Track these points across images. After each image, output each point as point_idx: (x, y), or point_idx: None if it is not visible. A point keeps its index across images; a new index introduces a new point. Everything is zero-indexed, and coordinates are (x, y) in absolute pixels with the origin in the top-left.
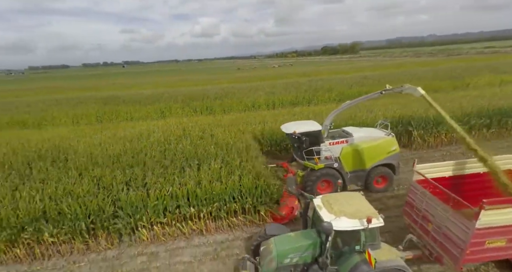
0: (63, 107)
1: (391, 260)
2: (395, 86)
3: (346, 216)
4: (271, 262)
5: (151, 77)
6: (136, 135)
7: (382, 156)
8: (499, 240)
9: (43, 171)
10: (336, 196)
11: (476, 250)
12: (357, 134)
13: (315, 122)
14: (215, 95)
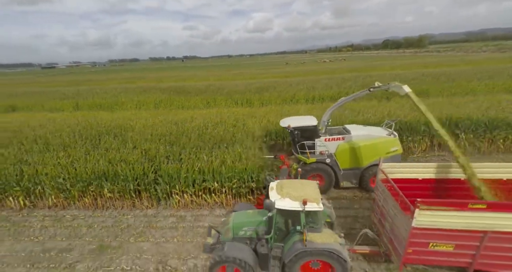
0: (130, 95)
1: (326, 243)
2: (383, 84)
3: (290, 198)
4: (228, 232)
5: (204, 71)
6: (181, 120)
7: (380, 156)
8: (445, 244)
9: (108, 142)
10: (292, 182)
11: (419, 251)
12: (355, 132)
13: (313, 117)
14: (256, 88)
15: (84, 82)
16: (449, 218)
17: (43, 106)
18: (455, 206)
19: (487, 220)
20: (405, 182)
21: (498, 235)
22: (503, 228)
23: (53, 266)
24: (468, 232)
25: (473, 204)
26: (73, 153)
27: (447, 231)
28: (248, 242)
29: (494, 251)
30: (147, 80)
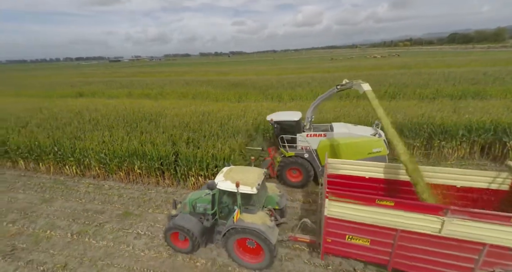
0: (174, 86)
1: (253, 223)
2: (349, 81)
3: (231, 180)
4: (185, 206)
5: (245, 65)
6: (209, 111)
7: (360, 156)
8: (361, 238)
9: (143, 126)
10: (242, 168)
11: (337, 242)
12: (338, 129)
13: (298, 113)
14: (290, 84)
15: (139, 74)
16: (359, 211)
17: (104, 93)
18: (363, 201)
19: (395, 218)
20: (353, 179)
21: (408, 234)
22: (411, 227)
23: (87, 223)
24: (380, 228)
25: (380, 200)
26: (115, 133)
27: (360, 224)
28: (202, 217)
29: (407, 251)
30: (191, 74)
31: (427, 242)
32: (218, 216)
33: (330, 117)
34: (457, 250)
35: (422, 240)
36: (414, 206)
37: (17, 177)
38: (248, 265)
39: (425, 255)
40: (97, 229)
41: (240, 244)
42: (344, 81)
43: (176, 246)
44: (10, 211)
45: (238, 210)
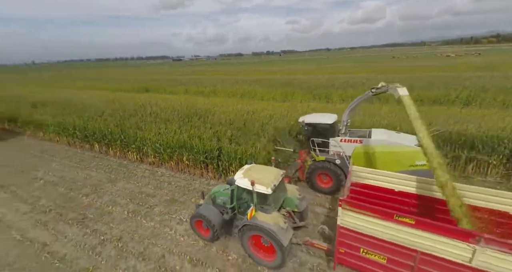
0: (225, 85)
1: (265, 222)
2: (385, 85)
3: (249, 179)
4: (209, 198)
5: (296, 65)
6: (254, 110)
7: (400, 167)
8: (377, 254)
9: (194, 121)
10: (262, 167)
11: (351, 254)
12: (376, 136)
13: (333, 116)
14: (342, 84)
15: (196, 72)
16: (375, 225)
17: (165, 90)
18: (379, 214)
19: (416, 238)
20: (380, 191)
21: (430, 258)
22: (434, 251)
23: (141, 204)
24: (398, 247)
25: (399, 216)
26: (169, 126)
27: (376, 239)
28: (223, 210)
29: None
30: (242, 73)
31: (452, 271)
32: (237, 211)
33: (384, 123)
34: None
35: (447, 267)
36: (439, 228)
37: (92, 158)
38: (261, 262)
39: None
40: (148, 210)
41: (255, 241)
42: (380, 84)
43: (199, 233)
44: (84, 186)
45: (253, 208)
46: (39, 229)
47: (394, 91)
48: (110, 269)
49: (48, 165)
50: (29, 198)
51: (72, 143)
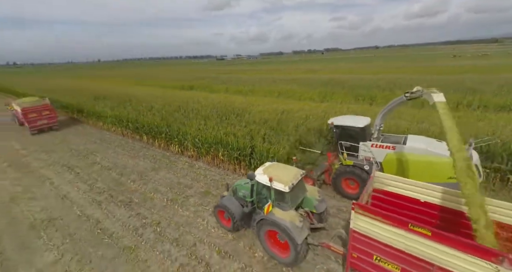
0: (263, 84)
1: (282, 218)
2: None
3: (268, 175)
4: (232, 190)
5: (339, 63)
6: (289, 110)
7: (437, 179)
8: (390, 263)
9: (231, 119)
10: (283, 166)
11: (364, 260)
12: (412, 143)
13: (366, 119)
14: (388, 84)
15: (237, 71)
16: (388, 232)
17: (207, 88)
18: (393, 222)
19: (432, 251)
20: (403, 199)
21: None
22: (452, 267)
23: (178, 193)
24: (413, 258)
25: (415, 226)
26: (208, 123)
27: (389, 247)
28: (244, 202)
29: None
30: (280, 72)
31: None
32: (256, 205)
33: (435, 131)
34: None
35: None
36: (458, 242)
37: (141, 148)
38: (275, 256)
39: None
40: (184, 200)
41: (272, 236)
42: (416, 88)
43: (221, 222)
44: (132, 172)
45: (270, 204)
46: (94, 207)
47: (428, 97)
48: (149, 250)
49: (104, 151)
50: (88, 180)
51: (125, 133)
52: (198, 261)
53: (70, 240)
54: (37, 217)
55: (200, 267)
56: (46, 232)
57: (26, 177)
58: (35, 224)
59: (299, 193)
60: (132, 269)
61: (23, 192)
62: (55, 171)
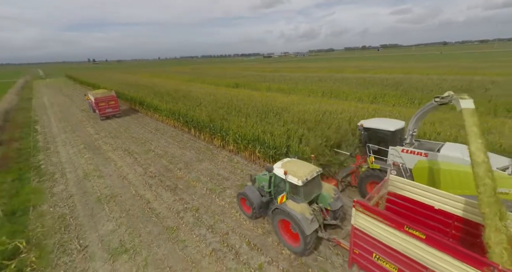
0: (307, 83)
1: (293, 210)
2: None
3: (284, 169)
4: (254, 181)
5: (396, 61)
6: (332, 110)
7: (470, 191)
8: (388, 262)
9: (270, 118)
10: (300, 162)
11: (364, 257)
12: (447, 152)
13: (399, 123)
14: (452, 88)
15: (282, 69)
16: (386, 232)
17: (251, 86)
18: (390, 222)
19: (426, 254)
20: (417, 205)
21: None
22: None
23: (217, 184)
24: (409, 260)
25: (410, 228)
26: (248, 120)
27: (387, 247)
28: (263, 192)
29: None
30: (328, 70)
31: None
32: (273, 196)
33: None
34: None
35: None
36: (449, 248)
37: (188, 140)
38: (286, 244)
39: None
40: (221, 191)
41: (285, 225)
42: (447, 93)
43: (243, 209)
44: (180, 161)
45: (284, 195)
46: (146, 189)
47: (456, 103)
48: (187, 232)
49: (158, 140)
50: (144, 164)
51: (176, 125)
52: (229, 249)
53: (125, 215)
54: (102, 192)
55: (230, 254)
56: (108, 206)
57: (96, 158)
58: (100, 198)
59: (313, 188)
60: (172, 246)
61: (93, 170)
62: (119, 155)
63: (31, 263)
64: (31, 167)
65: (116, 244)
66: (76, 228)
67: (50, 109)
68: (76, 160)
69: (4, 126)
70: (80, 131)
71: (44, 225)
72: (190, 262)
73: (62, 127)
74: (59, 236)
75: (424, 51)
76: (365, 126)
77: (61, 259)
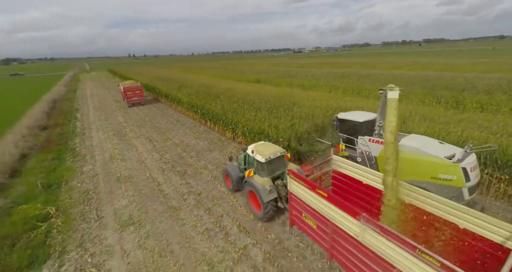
0: (329, 79)
1: (256, 182)
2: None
3: (254, 149)
4: (231, 159)
5: (437, 57)
6: (346, 107)
7: (421, 178)
8: (311, 219)
9: (279, 112)
10: (270, 144)
11: (297, 216)
12: (406, 142)
13: (368, 114)
14: (488, 86)
15: (307, 65)
16: (308, 194)
17: (272, 81)
18: (307, 184)
19: (330, 211)
20: (353, 181)
21: (337, 229)
22: (340, 224)
23: (221, 172)
24: (320, 215)
25: (319, 189)
26: (258, 114)
27: (308, 206)
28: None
29: (339, 246)
30: (359, 65)
31: (352, 245)
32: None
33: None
34: (374, 263)
35: (348, 240)
36: (340, 203)
37: (204, 131)
38: (252, 212)
39: (353, 258)
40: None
41: (252, 195)
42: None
43: (226, 183)
44: (192, 150)
45: (251, 170)
46: (159, 172)
47: (386, 93)
48: (188, 213)
49: (177, 131)
50: (161, 151)
51: (195, 118)
52: (220, 229)
53: (138, 194)
54: (122, 173)
55: (221, 234)
56: (125, 185)
57: (122, 143)
58: (120, 178)
59: (278, 166)
60: (172, 223)
61: (118, 154)
62: (141, 142)
63: (57, 226)
64: (68, 148)
65: (126, 217)
66: (96, 202)
67: (90, 99)
68: (104, 145)
69: (51, 113)
70: (112, 119)
71: (71, 197)
72: (185, 237)
73: (98, 115)
74: (82, 207)
75: (473, 46)
76: (339, 118)
77: (80, 225)
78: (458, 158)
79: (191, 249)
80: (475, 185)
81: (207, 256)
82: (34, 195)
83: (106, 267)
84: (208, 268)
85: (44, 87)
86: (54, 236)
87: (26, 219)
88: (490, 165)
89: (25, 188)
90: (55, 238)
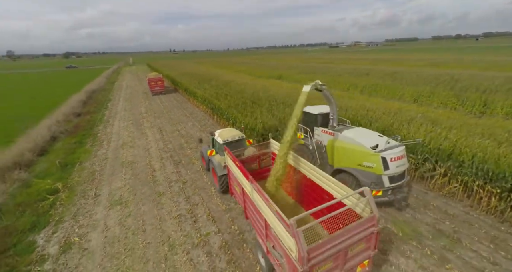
0: (351, 76)
1: (215, 159)
2: None
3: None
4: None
5: (494, 54)
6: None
7: (351, 165)
8: (236, 186)
9: (278, 109)
10: (232, 130)
11: (232, 186)
12: (346, 133)
13: (324, 108)
14: None
15: (335, 61)
16: (233, 166)
17: (293, 77)
18: (231, 156)
19: (239, 176)
20: None
21: (244, 191)
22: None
23: None
24: (238, 182)
25: (236, 161)
26: (256, 110)
27: (233, 175)
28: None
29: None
30: (392, 62)
31: (250, 202)
32: (216, 152)
33: None
34: (260, 217)
35: (248, 198)
36: (242, 170)
37: (211, 125)
38: (215, 185)
39: (252, 214)
40: None
41: (214, 172)
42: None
43: (203, 163)
44: (193, 142)
45: (213, 150)
46: (158, 160)
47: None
48: (169, 199)
49: (186, 123)
50: (166, 141)
51: (206, 111)
52: (191, 216)
53: (133, 177)
54: (127, 159)
55: (190, 221)
56: (125, 169)
57: (136, 132)
58: (124, 163)
59: (236, 147)
60: (152, 206)
61: (130, 142)
62: (152, 132)
63: (61, 200)
64: (91, 134)
65: (117, 197)
66: (98, 182)
67: (124, 90)
68: (122, 132)
69: (87, 102)
70: (135, 109)
71: (80, 176)
72: (159, 220)
73: (125, 106)
74: (85, 185)
75: None
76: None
77: (79, 201)
78: (381, 149)
79: (161, 230)
80: (398, 174)
81: (171, 238)
82: (51, 172)
83: (87, 238)
84: (168, 249)
85: (89, 79)
86: (57, 208)
87: (39, 191)
88: (482, 177)
89: (46, 165)
90: (57, 209)
